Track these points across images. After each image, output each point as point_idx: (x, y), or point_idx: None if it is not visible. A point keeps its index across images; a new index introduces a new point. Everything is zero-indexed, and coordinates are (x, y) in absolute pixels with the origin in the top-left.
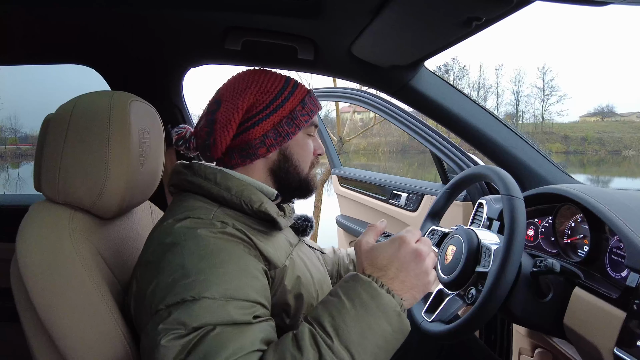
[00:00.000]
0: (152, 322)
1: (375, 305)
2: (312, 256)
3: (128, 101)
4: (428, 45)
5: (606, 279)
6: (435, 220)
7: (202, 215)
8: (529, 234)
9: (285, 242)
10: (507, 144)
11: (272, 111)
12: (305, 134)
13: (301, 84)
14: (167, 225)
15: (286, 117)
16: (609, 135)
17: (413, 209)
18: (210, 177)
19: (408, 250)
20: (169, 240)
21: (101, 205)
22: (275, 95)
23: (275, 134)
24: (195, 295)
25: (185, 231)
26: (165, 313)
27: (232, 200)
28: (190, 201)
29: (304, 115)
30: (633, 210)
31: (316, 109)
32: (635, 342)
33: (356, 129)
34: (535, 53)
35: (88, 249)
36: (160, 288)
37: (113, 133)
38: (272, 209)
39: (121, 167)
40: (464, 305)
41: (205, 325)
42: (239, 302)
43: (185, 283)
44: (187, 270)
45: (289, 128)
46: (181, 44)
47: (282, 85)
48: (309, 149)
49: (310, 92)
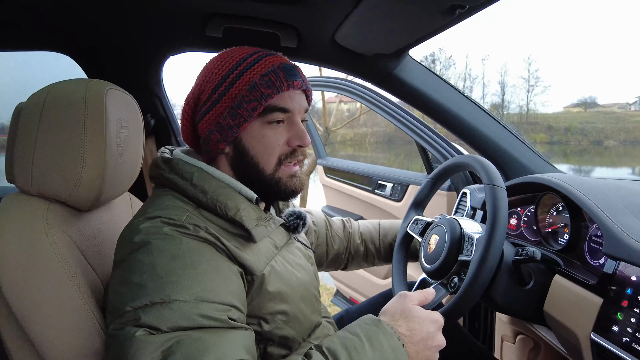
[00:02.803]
0: (116, 323)
1: (394, 357)
2: (301, 257)
3: (104, 89)
4: (412, 33)
5: (585, 266)
6: (419, 209)
7: (174, 217)
8: (512, 223)
9: (269, 246)
10: (491, 133)
11: (214, 102)
12: (264, 123)
13: (262, 62)
14: (137, 223)
15: (229, 108)
16: (591, 126)
17: (398, 199)
18: (187, 176)
19: (438, 338)
20: (137, 239)
21: (78, 197)
22: (217, 83)
23: (218, 128)
24: (166, 298)
25: (155, 230)
26: (132, 315)
27: (207, 204)
28: (165, 199)
29: (252, 101)
30: (611, 199)
31: (272, 91)
32: (610, 327)
33: (343, 119)
34: (521, 44)
35: (65, 242)
36: (129, 288)
37: (89, 122)
38: (250, 216)
39: (98, 158)
40: (447, 294)
41: (178, 329)
42: (212, 305)
43: (155, 284)
44: (157, 271)
45: (232, 120)
46: (160, 30)
47: (230, 68)
48: (267, 141)
49: (274, 69)
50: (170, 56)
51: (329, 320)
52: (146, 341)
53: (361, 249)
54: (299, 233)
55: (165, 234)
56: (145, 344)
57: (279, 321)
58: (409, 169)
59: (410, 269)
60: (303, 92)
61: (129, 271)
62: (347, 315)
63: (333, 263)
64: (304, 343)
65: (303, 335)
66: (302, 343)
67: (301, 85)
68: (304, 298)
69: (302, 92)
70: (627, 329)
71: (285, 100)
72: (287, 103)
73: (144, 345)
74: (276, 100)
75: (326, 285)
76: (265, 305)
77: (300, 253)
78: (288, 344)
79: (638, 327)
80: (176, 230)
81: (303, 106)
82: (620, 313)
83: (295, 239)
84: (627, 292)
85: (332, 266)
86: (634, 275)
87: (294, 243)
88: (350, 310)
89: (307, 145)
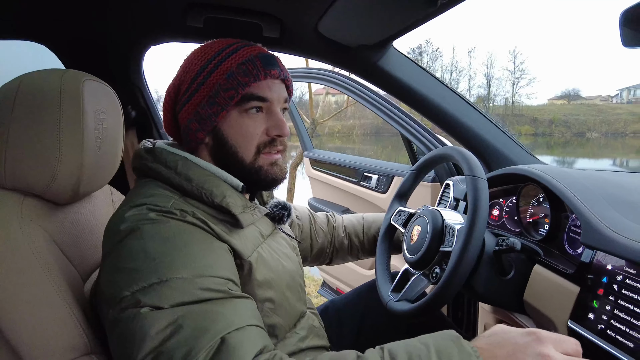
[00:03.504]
0: (116, 309)
1: None
2: (286, 247)
3: (81, 80)
4: (395, 24)
5: (564, 255)
6: (402, 201)
7: (159, 203)
8: (494, 214)
9: (255, 234)
10: (474, 125)
11: (193, 92)
12: (242, 112)
13: (241, 52)
14: (122, 212)
15: (207, 97)
16: (574, 118)
17: (383, 191)
18: (171, 165)
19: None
20: (124, 227)
21: (55, 190)
22: (196, 73)
23: (197, 117)
24: (163, 277)
25: (142, 217)
26: (131, 299)
27: (193, 192)
28: (149, 188)
29: (229, 90)
30: (590, 189)
31: (249, 79)
32: (587, 315)
33: (330, 112)
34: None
35: (41, 237)
36: (123, 275)
37: (65, 114)
38: (237, 203)
39: (75, 150)
40: (429, 284)
41: (181, 304)
42: (211, 279)
43: (150, 266)
44: (149, 254)
45: (210, 109)
46: (140, 20)
47: (208, 59)
48: (245, 130)
49: (251, 58)
50: (151, 46)
51: (313, 312)
52: (151, 318)
53: (345, 243)
54: (284, 223)
55: (152, 219)
56: (151, 322)
57: (266, 309)
58: (396, 161)
59: (394, 259)
60: (283, 82)
61: (120, 259)
62: (332, 306)
63: (317, 257)
64: (290, 333)
65: (289, 324)
66: (287, 333)
67: (279, 75)
68: (290, 286)
69: (281, 82)
70: (602, 317)
71: (263, 89)
72: (265, 92)
73: (150, 322)
74: (253, 89)
75: (313, 276)
76: (253, 292)
77: (286, 243)
78: (275, 333)
79: (612, 315)
80: (163, 215)
81: (282, 96)
82: (596, 301)
83: (280, 230)
84: (603, 281)
85: (316, 261)
86: (609, 264)
87: (279, 233)
88: (335, 301)
89: (285, 135)
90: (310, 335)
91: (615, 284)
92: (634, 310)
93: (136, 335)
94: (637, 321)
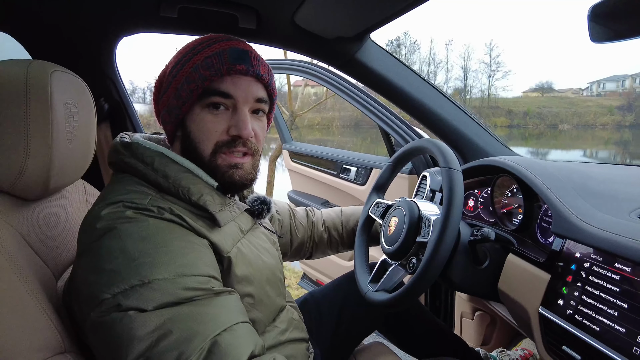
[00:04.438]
0: (97, 312)
1: None
2: (266, 242)
3: (49, 71)
4: (373, 16)
5: (536, 244)
6: (380, 193)
7: (136, 200)
8: (470, 205)
9: (234, 229)
10: (450, 118)
11: (168, 84)
12: (204, 107)
13: (214, 46)
14: (98, 210)
15: (175, 89)
16: (547, 110)
17: (362, 183)
18: (147, 160)
19: None
20: (101, 226)
21: (23, 186)
22: (173, 66)
23: (168, 109)
24: (144, 279)
25: (119, 215)
26: (112, 301)
27: (169, 189)
28: (126, 184)
29: (191, 83)
30: (561, 180)
31: (210, 73)
32: (557, 301)
33: (309, 104)
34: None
35: (10, 234)
36: (101, 276)
37: (32, 106)
38: (215, 201)
39: (44, 144)
40: (407, 274)
41: (165, 306)
42: (193, 278)
43: (130, 267)
44: (129, 254)
45: (176, 101)
46: (112, 10)
47: (187, 51)
48: (204, 126)
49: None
50: (124, 37)
51: (293, 305)
52: (137, 322)
53: (325, 237)
54: (264, 218)
55: (129, 218)
56: (137, 325)
57: (246, 304)
58: (375, 153)
59: (372, 250)
60: (258, 81)
61: (98, 259)
62: (311, 298)
63: (297, 252)
64: (270, 327)
65: (269, 318)
66: (267, 327)
67: (247, 71)
68: (270, 281)
69: (255, 80)
70: (571, 302)
71: (226, 84)
72: (228, 88)
73: (136, 326)
74: (216, 83)
75: (293, 268)
76: (233, 288)
77: (266, 237)
78: (255, 327)
79: (580, 300)
80: (140, 213)
81: (252, 94)
82: (565, 287)
83: (260, 224)
84: (572, 268)
85: (296, 255)
86: (578, 252)
87: (259, 228)
88: (314, 293)
89: (245, 137)
90: (290, 328)
91: (583, 271)
92: (600, 295)
93: (123, 340)
94: (602, 306)
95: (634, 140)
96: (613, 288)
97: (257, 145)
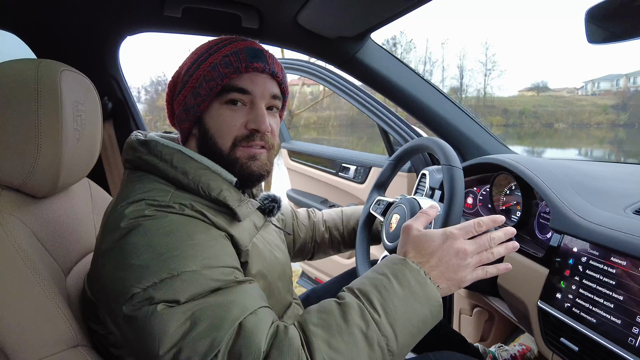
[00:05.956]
0: (128, 306)
1: (422, 292)
2: (277, 239)
3: (58, 70)
4: (374, 16)
5: (534, 240)
6: (381, 190)
7: (157, 198)
8: (469, 202)
9: (250, 225)
10: (449, 116)
11: (184, 84)
12: (223, 103)
13: (231, 45)
14: (121, 209)
15: (193, 88)
16: (543, 109)
17: (361, 181)
18: (166, 158)
19: (454, 246)
20: (125, 224)
21: (33, 184)
22: (188, 66)
23: (185, 108)
24: (174, 272)
25: (142, 212)
26: (143, 295)
27: (189, 185)
28: (145, 182)
29: (210, 81)
30: (558, 177)
31: (230, 70)
32: (555, 295)
33: (306, 102)
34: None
35: (22, 231)
36: (130, 271)
37: (43, 105)
38: (233, 197)
39: (54, 142)
40: None
41: (195, 297)
42: (219, 269)
43: (159, 261)
44: (156, 249)
45: (194, 99)
46: (116, 9)
47: (202, 52)
48: (224, 121)
49: (237, 51)
50: (128, 36)
51: (297, 302)
52: (169, 314)
53: (326, 237)
54: (274, 216)
55: (152, 215)
56: (169, 317)
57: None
58: (371, 152)
59: (373, 249)
60: (273, 79)
61: (124, 255)
62: (313, 295)
63: (300, 253)
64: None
65: (278, 314)
66: None
67: (264, 69)
68: (281, 277)
69: (270, 78)
70: (569, 296)
71: (244, 81)
72: (246, 84)
73: (168, 318)
74: (235, 80)
75: (292, 267)
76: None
77: (277, 234)
78: None
79: (578, 294)
80: (162, 210)
81: (268, 91)
82: (563, 281)
83: (270, 222)
84: (570, 263)
85: (299, 256)
86: (575, 247)
87: (270, 225)
88: (316, 290)
89: (263, 131)
90: None
91: (580, 265)
92: (597, 288)
93: (155, 332)
94: (599, 298)
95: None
96: (609, 281)
97: (272, 140)
